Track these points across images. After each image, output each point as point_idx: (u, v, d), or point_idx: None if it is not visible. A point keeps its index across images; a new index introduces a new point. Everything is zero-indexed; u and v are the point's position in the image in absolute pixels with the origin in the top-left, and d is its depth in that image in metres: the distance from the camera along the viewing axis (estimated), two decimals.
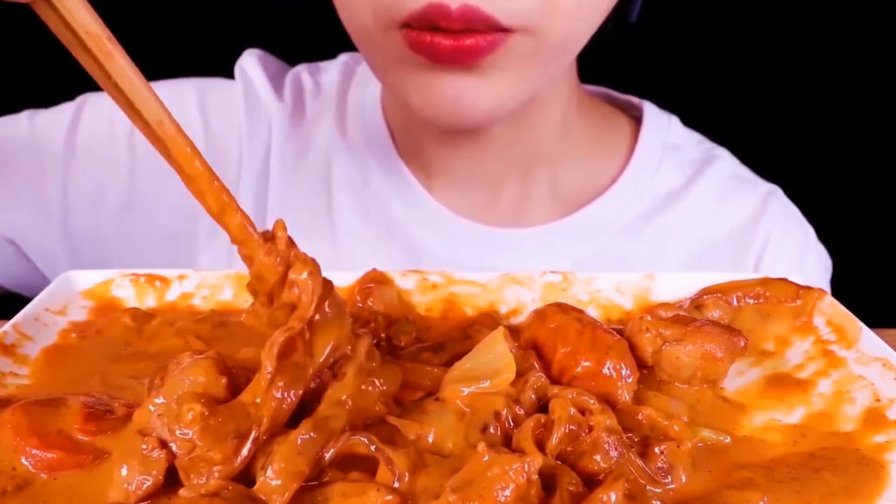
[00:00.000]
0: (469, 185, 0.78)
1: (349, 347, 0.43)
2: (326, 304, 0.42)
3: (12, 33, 1.09)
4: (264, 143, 0.81)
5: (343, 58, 0.88)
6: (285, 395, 0.39)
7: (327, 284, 0.42)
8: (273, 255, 0.41)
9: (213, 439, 0.37)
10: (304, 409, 0.41)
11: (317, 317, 0.41)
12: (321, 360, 0.41)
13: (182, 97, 0.81)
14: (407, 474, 0.37)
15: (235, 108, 0.81)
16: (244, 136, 0.80)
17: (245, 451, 0.37)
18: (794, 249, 0.82)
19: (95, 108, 0.79)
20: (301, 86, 0.85)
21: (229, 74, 0.84)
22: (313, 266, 0.42)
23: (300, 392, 0.40)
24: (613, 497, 0.36)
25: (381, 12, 0.60)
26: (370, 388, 0.43)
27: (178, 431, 0.37)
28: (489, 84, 0.62)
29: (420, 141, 0.78)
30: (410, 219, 0.78)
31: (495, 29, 0.58)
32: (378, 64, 0.67)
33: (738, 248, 0.80)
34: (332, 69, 0.86)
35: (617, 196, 0.80)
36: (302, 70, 0.87)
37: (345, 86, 0.84)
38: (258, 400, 0.39)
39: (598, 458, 0.39)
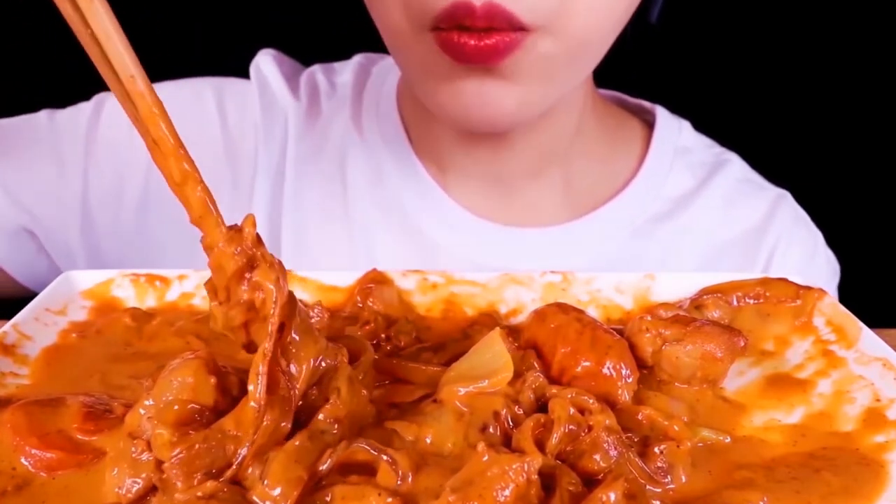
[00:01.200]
0: (484, 184, 0.79)
1: (331, 360, 0.41)
2: (294, 325, 0.39)
3: (18, 35, 1.10)
4: (280, 141, 0.82)
5: (357, 58, 0.88)
6: (275, 429, 0.38)
7: (292, 298, 0.40)
8: (234, 244, 0.39)
9: (180, 470, 0.36)
10: (295, 421, 0.40)
11: (293, 337, 0.39)
12: (303, 385, 0.40)
13: (201, 96, 0.82)
14: (410, 475, 0.37)
15: (251, 107, 0.82)
16: (260, 135, 0.81)
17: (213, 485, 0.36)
18: (802, 253, 0.82)
19: (114, 105, 0.80)
20: (316, 85, 0.85)
21: (236, 75, 0.85)
22: (280, 272, 0.39)
23: (289, 424, 0.38)
24: (613, 497, 0.36)
25: (413, 11, 0.61)
26: (363, 392, 0.42)
27: (154, 452, 0.37)
28: (513, 87, 0.63)
29: (436, 140, 0.78)
30: (425, 217, 0.79)
31: (516, 28, 0.59)
32: (410, 67, 0.68)
33: (747, 252, 0.81)
34: (346, 70, 0.87)
35: (629, 199, 0.80)
36: (317, 70, 0.87)
37: (360, 86, 0.85)
38: (239, 434, 0.37)
39: (597, 457, 0.39)
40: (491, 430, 0.41)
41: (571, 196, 0.80)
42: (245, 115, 0.82)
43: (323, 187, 0.81)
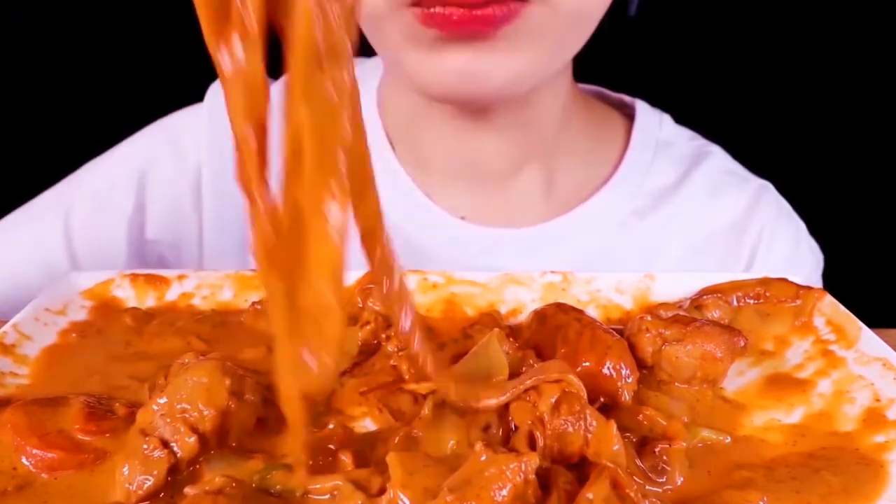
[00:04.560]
0: (468, 185, 0.78)
1: None
2: None
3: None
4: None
5: None
6: None
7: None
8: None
9: None
10: None
11: None
12: None
13: (153, 146, 0.80)
14: None
15: (200, 142, 0.79)
16: (205, 163, 0.79)
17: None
18: (786, 244, 0.82)
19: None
20: None
21: None
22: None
23: None
24: (600, 491, 0.36)
25: None
26: None
27: None
28: (505, 59, 0.60)
29: (418, 141, 0.77)
30: (407, 221, 0.78)
31: None
32: (387, 47, 0.65)
33: (731, 244, 0.80)
34: None
35: (611, 194, 0.80)
36: None
37: None
38: None
39: (570, 431, 0.39)
40: (493, 429, 0.41)
41: (554, 193, 0.79)
42: (198, 149, 0.79)
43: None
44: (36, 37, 1.19)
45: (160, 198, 0.80)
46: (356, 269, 0.58)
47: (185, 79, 0.83)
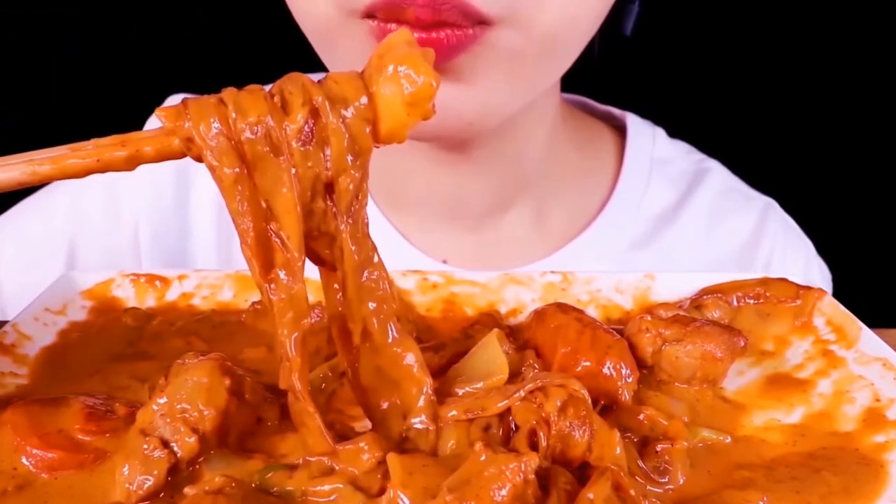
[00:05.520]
0: (447, 224, 0.72)
1: None
2: None
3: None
4: (181, 198, 0.75)
5: None
6: None
7: None
8: None
9: None
10: None
11: None
12: None
13: (85, 206, 0.76)
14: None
15: (138, 180, 0.72)
16: (143, 222, 0.75)
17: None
18: (799, 264, 0.78)
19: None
20: None
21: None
22: None
23: None
24: (601, 492, 0.36)
25: None
26: None
27: None
28: (471, 89, 0.54)
29: (392, 173, 0.70)
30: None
31: (473, 21, 0.50)
32: (338, 64, 0.59)
33: (741, 267, 0.76)
34: None
35: (607, 224, 0.73)
36: None
37: None
38: None
39: (576, 436, 0.39)
40: (493, 429, 0.41)
41: (545, 228, 0.73)
42: (136, 212, 0.75)
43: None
44: (36, 36, 1.19)
45: (92, 256, 0.76)
46: None
47: (184, 78, 0.83)
